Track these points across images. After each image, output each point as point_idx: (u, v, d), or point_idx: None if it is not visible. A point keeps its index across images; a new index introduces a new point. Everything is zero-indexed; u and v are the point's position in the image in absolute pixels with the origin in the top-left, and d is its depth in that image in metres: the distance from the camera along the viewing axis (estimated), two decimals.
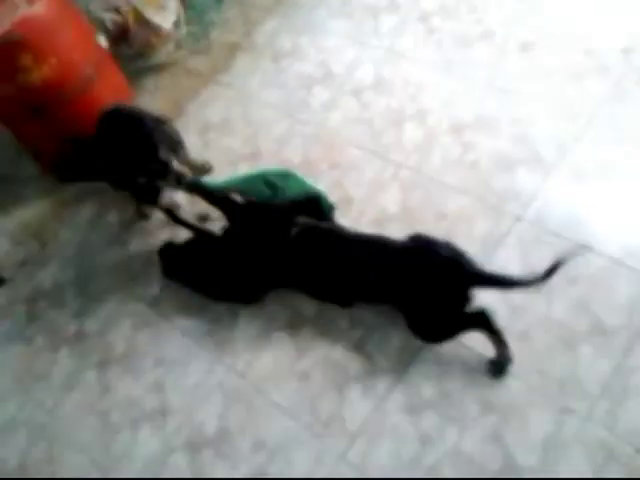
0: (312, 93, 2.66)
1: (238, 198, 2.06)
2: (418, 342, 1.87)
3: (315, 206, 2.10)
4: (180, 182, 2.14)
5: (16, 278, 2.48)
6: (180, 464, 1.89)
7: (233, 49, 2.94)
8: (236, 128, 2.65)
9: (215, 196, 2.11)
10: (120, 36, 2.69)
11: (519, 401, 1.73)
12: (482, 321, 1.76)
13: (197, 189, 2.14)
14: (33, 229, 2.61)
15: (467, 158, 2.24)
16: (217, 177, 2.40)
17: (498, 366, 1.78)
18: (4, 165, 2.87)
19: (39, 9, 2.20)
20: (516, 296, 1.83)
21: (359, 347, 1.93)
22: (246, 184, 2.17)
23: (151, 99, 2.88)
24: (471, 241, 1.98)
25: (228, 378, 2.00)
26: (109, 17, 2.65)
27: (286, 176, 2.26)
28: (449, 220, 2.11)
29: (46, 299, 2.37)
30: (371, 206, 2.23)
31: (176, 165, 2.19)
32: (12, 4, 2.17)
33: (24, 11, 2.17)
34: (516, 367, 1.77)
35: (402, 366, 1.86)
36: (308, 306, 2.05)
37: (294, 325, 2.03)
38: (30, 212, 2.65)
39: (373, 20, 2.81)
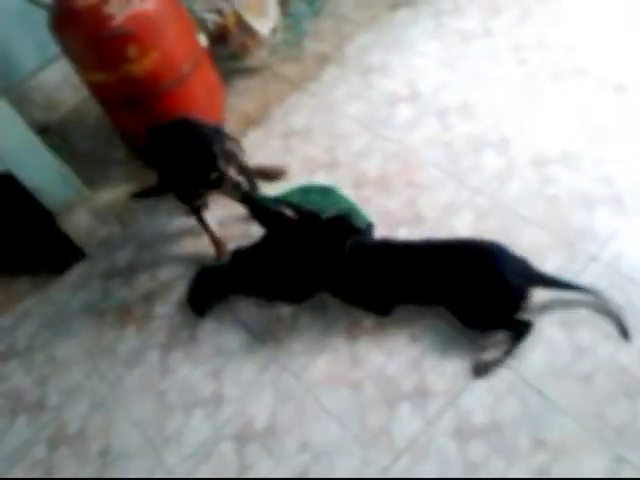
0: (396, 110, 2.69)
1: (290, 213, 2.11)
2: (476, 369, 1.88)
3: (344, 223, 2.12)
4: (237, 190, 2.17)
5: (96, 254, 2.61)
6: (227, 453, 1.95)
7: (323, 60, 3.02)
8: (317, 137, 2.71)
9: (265, 211, 2.14)
10: (219, 37, 2.81)
11: (573, 443, 1.70)
12: (521, 331, 1.88)
13: (250, 202, 2.19)
14: (117, 210, 2.74)
15: (547, 192, 2.22)
16: (290, 184, 2.48)
17: (485, 366, 1.88)
18: (100, 147, 3.04)
19: (149, 5, 2.33)
20: (583, 336, 1.82)
21: (415, 365, 1.95)
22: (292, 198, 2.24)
23: (240, 100, 2.98)
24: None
25: (282, 377, 2.05)
26: (211, 18, 2.77)
27: (327, 193, 2.32)
28: (521, 251, 2.08)
29: (120, 278, 2.49)
30: (442, 229, 2.23)
31: (233, 174, 2.20)
32: None
33: (136, 6, 2.30)
34: (574, 408, 1.75)
35: (456, 390, 1.86)
36: (368, 317, 2.08)
37: (353, 334, 2.06)
38: (116, 193, 2.79)
39: (464, 45, 2.83)
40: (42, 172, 2.37)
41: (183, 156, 2.16)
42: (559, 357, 1.84)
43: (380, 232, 2.26)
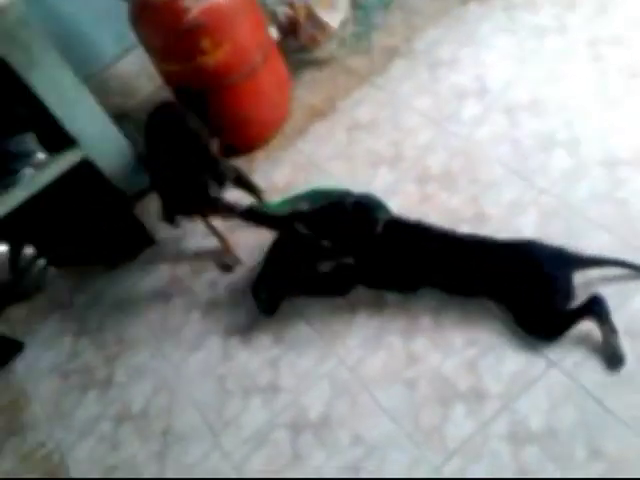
0: (463, 105, 2.66)
1: (305, 207, 2.14)
2: (534, 371, 1.86)
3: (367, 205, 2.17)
4: (234, 213, 2.19)
5: (167, 241, 2.70)
6: (282, 440, 2.01)
7: (392, 53, 3.01)
8: (383, 130, 2.71)
9: (276, 218, 2.17)
10: (289, 29, 2.84)
11: (632, 455, 1.66)
12: (593, 309, 1.84)
13: (253, 216, 2.21)
14: None
15: (617, 195, 2.15)
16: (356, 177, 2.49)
17: (613, 359, 1.80)
18: None
19: None
20: None
21: (471, 366, 1.94)
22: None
23: (307, 92, 3.01)
24: (605, 283, 1.93)
25: (338, 370, 2.09)
26: (282, 10, 2.81)
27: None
28: None
29: (189, 266, 2.57)
30: (506, 228, 2.19)
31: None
32: None
33: None
34: (633, 420, 1.71)
35: (513, 393, 1.85)
36: (426, 316, 2.09)
37: (409, 332, 2.07)
38: None
39: (538, 40, 2.76)
40: (118, 159, 2.46)
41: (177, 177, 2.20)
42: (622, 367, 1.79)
43: None
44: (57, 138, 2.34)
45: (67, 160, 2.33)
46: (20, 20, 2.04)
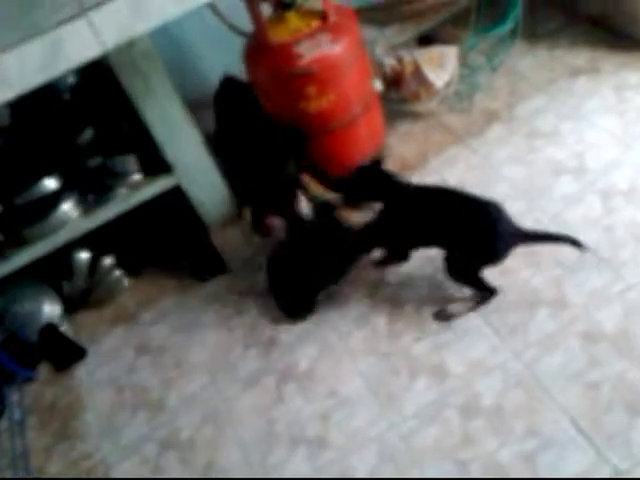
0: (558, 181, 2.58)
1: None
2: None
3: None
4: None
5: (238, 271, 2.72)
6: None
7: (491, 116, 2.96)
8: None
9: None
10: (393, 82, 2.85)
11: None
12: (487, 294, 2.22)
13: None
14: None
15: None
16: None
17: (448, 316, 2.25)
18: None
19: (337, 49, 2.40)
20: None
21: None
22: None
23: (400, 143, 3.00)
24: None
25: (388, 435, 2.04)
26: (389, 63, 2.82)
27: None
28: None
29: (256, 300, 2.59)
30: (585, 317, 2.12)
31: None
32: (317, 41, 2.39)
33: (324, 49, 2.38)
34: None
35: None
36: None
37: (469, 410, 2.02)
38: None
39: None
40: (208, 187, 2.52)
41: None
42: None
43: (517, 310, 2.21)
44: (155, 161, 2.42)
45: (161, 184, 2.41)
46: (145, 53, 2.12)
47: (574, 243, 2.13)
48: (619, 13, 2.97)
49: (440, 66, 2.76)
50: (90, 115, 2.51)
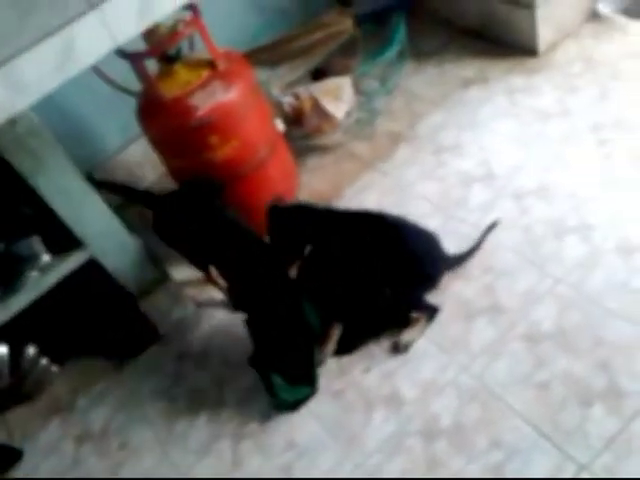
0: (470, 191, 2.64)
1: None
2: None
3: None
4: None
5: (170, 335, 2.63)
6: None
7: (395, 138, 3.02)
8: None
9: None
10: (295, 120, 2.86)
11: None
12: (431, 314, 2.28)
13: None
14: (192, 291, 2.73)
15: (635, 284, 2.11)
16: None
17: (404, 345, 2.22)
18: None
19: (232, 95, 2.40)
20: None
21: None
22: None
23: (312, 178, 3.01)
24: (632, 376, 1.88)
25: (355, 474, 1.99)
26: (287, 101, 2.83)
27: None
28: (607, 348, 1.98)
29: (194, 363, 2.49)
30: (523, 319, 2.16)
31: None
32: (210, 90, 2.38)
33: (219, 97, 2.37)
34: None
35: None
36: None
37: (431, 435, 2.00)
38: (193, 272, 2.72)
39: (541, 124, 2.77)
40: (123, 255, 2.42)
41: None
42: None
43: (456, 323, 2.22)
44: (62, 238, 2.30)
45: (72, 261, 2.29)
46: (31, 129, 2.03)
47: (490, 229, 2.41)
48: (496, 24, 3.14)
49: (337, 97, 2.80)
50: None
